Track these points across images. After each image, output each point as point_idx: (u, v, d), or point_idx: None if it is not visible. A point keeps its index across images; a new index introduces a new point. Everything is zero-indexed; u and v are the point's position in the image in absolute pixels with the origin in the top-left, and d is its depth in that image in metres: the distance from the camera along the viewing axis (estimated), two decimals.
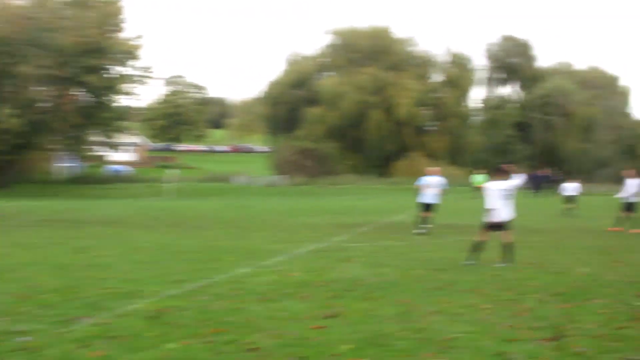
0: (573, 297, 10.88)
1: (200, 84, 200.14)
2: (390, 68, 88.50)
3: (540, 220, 30.69)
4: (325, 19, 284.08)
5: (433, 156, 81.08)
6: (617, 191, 27.15)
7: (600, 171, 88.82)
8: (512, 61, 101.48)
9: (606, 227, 26.06)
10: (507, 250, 14.87)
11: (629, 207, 25.86)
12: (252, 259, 15.16)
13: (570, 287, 11.84)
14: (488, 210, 14.99)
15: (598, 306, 10.19)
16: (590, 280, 12.73)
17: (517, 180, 15.32)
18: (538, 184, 62.71)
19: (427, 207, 23.37)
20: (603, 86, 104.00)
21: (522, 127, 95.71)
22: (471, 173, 58.09)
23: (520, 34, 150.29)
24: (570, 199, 35.76)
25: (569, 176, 49.02)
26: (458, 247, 17.42)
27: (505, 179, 15.14)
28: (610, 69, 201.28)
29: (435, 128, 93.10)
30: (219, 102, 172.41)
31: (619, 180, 26.91)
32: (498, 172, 15.46)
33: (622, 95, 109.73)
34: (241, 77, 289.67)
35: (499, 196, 14.88)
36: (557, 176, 62.04)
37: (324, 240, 19.99)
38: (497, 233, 14.97)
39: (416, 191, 24.25)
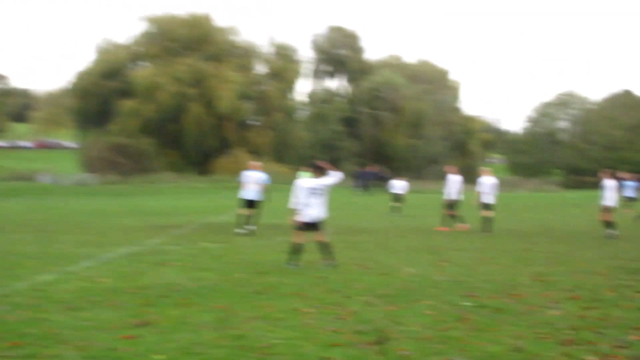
0: (399, 299, 11.18)
1: (1, 72, 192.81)
2: (210, 58, 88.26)
3: (368, 219, 31.43)
4: (139, 4, 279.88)
5: (256, 152, 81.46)
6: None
7: (430, 168, 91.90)
8: (339, 53, 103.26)
9: (434, 226, 26.98)
10: (325, 250, 15.11)
11: (452, 204, 26.77)
12: (56, 265, 14.72)
13: (397, 289, 12.16)
14: (298, 209, 15.20)
15: (424, 307, 10.52)
16: (416, 280, 13.12)
17: (331, 177, 15.48)
18: (366, 181, 64.31)
19: (250, 204, 23.36)
20: (433, 80, 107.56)
21: (350, 122, 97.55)
22: (298, 170, 58.76)
23: (348, 25, 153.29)
24: (398, 197, 36.71)
25: (398, 173, 50.47)
26: (282, 249, 17.54)
27: (320, 176, 15.32)
28: (440, 62, 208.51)
29: (258, 123, 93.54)
30: (22, 94, 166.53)
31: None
32: (312, 168, 15.62)
33: (452, 89, 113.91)
34: (46, 66, 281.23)
35: (310, 194, 15.07)
36: (386, 173, 63.78)
37: (138, 244, 19.69)
38: (311, 233, 15.19)
39: (238, 188, 24.24)
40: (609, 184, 23.79)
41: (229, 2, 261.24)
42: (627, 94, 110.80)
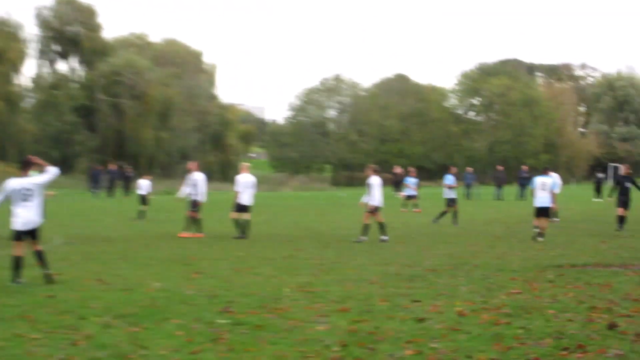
0: (144, 319, 11.11)
1: None
2: None
3: (108, 226, 31.05)
4: None
5: None
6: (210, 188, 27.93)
7: (182, 165, 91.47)
8: (71, 30, 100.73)
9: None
10: (42, 261, 14.85)
11: (194, 205, 26.62)
12: None
13: (141, 307, 12.08)
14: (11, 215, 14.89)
15: (172, 327, 10.51)
16: (164, 296, 13.07)
17: (45, 175, 15.12)
18: (107, 181, 63.34)
19: None
20: (184, 63, 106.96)
21: (87, 112, 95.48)
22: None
23: None
24: (143, 200, 36.25)
25: (143, 171, 50.05)
26: (3, 264, 16.93)
27: (32, 174, 15.03)
28: (192, 43, 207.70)
29: None
30: None
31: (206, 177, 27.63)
32: (23, 165, 15.26)
33: (207, 74, 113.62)
34: None
35: (21, 196, 14.70)
36: (129, 172, 63.06)
37: None
38: (28, 242, 14.86)
39: None
40: (375, 181, 24.56)
41: None
42: (401, 79, 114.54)
